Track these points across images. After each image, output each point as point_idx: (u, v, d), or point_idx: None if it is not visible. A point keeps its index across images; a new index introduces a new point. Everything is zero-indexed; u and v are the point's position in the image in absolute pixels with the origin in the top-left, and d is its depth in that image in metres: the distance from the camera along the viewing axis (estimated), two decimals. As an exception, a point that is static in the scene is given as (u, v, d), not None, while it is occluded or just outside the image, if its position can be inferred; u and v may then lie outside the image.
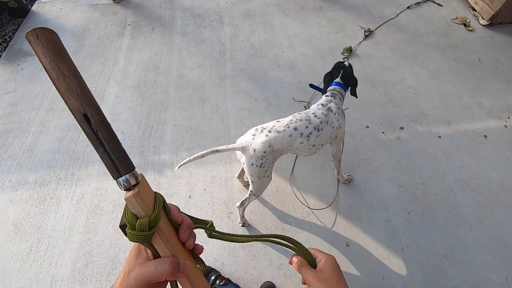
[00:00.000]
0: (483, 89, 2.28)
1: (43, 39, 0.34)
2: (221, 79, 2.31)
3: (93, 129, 0.36)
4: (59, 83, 0.34)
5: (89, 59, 2.43)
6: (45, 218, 1.62)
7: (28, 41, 0.33)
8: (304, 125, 1.30)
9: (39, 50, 0.33)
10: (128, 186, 0.36)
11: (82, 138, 1.95)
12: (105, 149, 0.36)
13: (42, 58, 0.34)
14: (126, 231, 0.35)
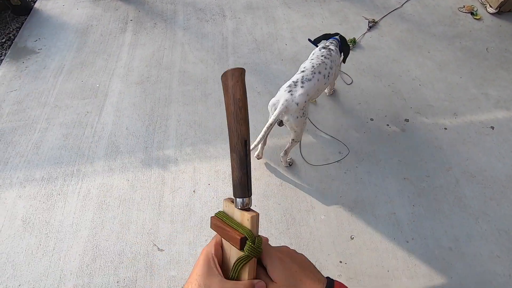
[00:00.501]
0: (490, 80, 2.24)
1: (237, 74, 0.40)
2: (223, 73, 2.30)
3: (247, 154, 0.41)
4: (240, 111, 0.40)
5: (93, 56, 2.44)
6: (53, 214, 1.65)
7: (225, 75, 0.40)
8: (323, 67, 1.53)
9: (234, 84, 0.40)
10: (245, 207, 0.41)
11: (87, 135, 1.97)
12: (247, 171, 0.41)
13: (237, 91, 0.40)
14: (247, 243, 0.38)
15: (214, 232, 0.43)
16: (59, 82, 2.26)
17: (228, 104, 0.41)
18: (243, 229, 0.40)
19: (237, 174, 0.41)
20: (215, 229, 0.42)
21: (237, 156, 0.41)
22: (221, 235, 0.41)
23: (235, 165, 0.41)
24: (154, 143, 1.93)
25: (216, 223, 0.42)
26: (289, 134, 1.62)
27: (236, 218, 0.42)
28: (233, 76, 0.40)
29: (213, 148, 1.90)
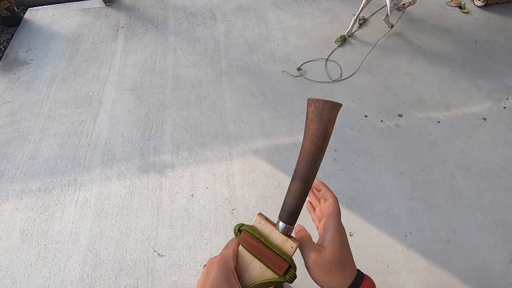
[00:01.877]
0: (480, 72, 2.26)
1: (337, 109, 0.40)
2: (217, 76, 2.31)
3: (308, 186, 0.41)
4: (324, 146, 0.40)
5: (85, 64, 2.43)
6: (51, 224, 1.65)
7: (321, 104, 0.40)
8: None
9: (332, 118, 0.40)
10: (285, 233, 0.41)
11: (82, 143, 1.96)
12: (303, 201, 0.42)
13: (331, 126, 0.40)
14: (290, 271, 0.39)
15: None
16: (52, 92, 2.25)
17: (314, 134, 0.39)
18: (286, 256, 0.39)
19: (295, 202, 0.42)
20: (246, 245, 0.40)
21: (304, 185, 0.41)
22: (255, 253, 0.39)
23: (297, 193, 0.42)
24: (150, 148, 1.93)
25: (249, 240, 0.40)
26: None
27: (274, 240, 0.40)
28: (333, 110, 0.39)
29: (210, 151, 1.91)
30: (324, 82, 2.23)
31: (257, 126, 2.02)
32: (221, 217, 1.65)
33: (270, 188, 1.74)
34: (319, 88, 2.20)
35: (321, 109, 0.40)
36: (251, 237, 0.40)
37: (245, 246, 0.40)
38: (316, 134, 0.40)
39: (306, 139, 0.41)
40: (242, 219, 1.63)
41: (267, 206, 1.68)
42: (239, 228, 0.43)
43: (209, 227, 1.62)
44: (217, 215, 1.65)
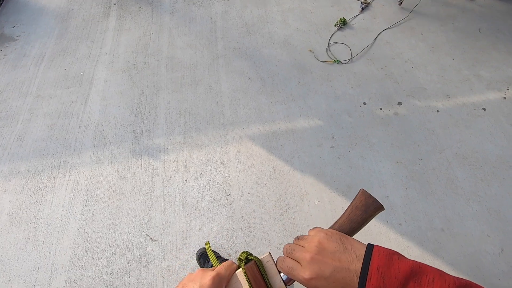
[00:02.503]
0: (482, 61, 2.22)
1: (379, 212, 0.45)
2: (213, 59, 2.23)
3: None
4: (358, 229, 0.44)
5: (75, 42, 2.33)
6: (41, 207, 1.61)
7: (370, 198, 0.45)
8: None
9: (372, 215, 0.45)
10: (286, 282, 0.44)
11: (73, 125, 1.90)
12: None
13: (371, 218, 0.45)
14: None
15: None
16: (41, 71, 2.16)
17: (354, 219, 0.44)
18: None
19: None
20: (250, 274, 0.42)
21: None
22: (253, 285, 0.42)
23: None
24: (143, 132, 1.88)
25: (254, 271, 0.42)
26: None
27: (274, 284, 0.43)
28: (377, 210, 0.45)
29: (205, 136, 1.86)
30: (323, 68, 2.17)
31: (253, 111, 1.97)
32: (215, 202, 1.63)
33: (266, 175, 1.72)
34: (317, 74, 2.15)
35: (369, 203, 0.45)
36: (257, 270, 0.43)
37: (248, 275, 0.42)
38: (355, 220, 0.44)
39: (344, 217, 0.45)
40: (237, 205, 1.61)
41: (262, 193, 1.66)
42: (247, 256, 0.45)
43: (203, 213, 1.59)
44: (211, 201, 1.63)
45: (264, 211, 1.60)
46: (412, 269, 0.35)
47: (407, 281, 0.35)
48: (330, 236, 0.41)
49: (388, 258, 0.36)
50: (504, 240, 1.52)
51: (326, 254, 0.39)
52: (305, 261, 0.39)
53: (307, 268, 0.39)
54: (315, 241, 0.41)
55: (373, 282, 0.35)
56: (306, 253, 0.40)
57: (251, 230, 1.55)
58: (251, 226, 1.56)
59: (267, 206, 1.62)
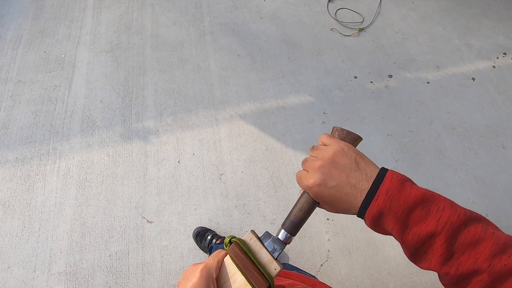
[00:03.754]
0: (473, 29, 2.20)
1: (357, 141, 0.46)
2: (200, 36, 2.15)
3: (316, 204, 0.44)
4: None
5: (53, 22, 2.21)
6: (34, 195, 1.60)
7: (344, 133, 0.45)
8: None
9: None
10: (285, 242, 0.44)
11: (59, 110, 1.85)
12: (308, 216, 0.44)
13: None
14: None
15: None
16: (19, 54, 2.06)
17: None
18: (268, 275, 0.41)
19: (300, 215, 0.43)
20: (234, 256, 0.42)
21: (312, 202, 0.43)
22: (240, 265, 0.41)
23: (304, 207, 0.43)
24: (132, 115, 1.84)
25: (238, 252, 0.42)
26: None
27: (261, 258, 0.42)
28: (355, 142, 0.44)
29: (195, 116, 1.84)
30: (313, 42, 2.12)
31: (244, 89, 1.94)
32: (209, 182, 1.64)
33: (259, 153, 1.72)
34: (307, 48, 2.10)
35: (344, 137, 0.44)
36: (241, 250, 0.42)
37: (233, 257, 0.42)
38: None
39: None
40: (231, 184, 1.63)
41: (255, 171, 1.67)
42: (230, 240, 0.44)
43: (197, 193, 1.61)
44: (205, 181, 1.64)
45: (258, 189, 1.62)
46: (424, 196, 0.35)
47: (416, 206, 0.34)
48: (346, 151, 0.41)
49: (401, 183, 0.36)
50: (489, 206, 1.58)
51: (335, 167, 0.39)
52: (312, 169, 0.40)
53: (311, 176, 0.40)
54: (329, 152, 0.41)
55: (379, 202, 0.35)
56: (316, 162, 0.40)
57: (246, 208, 1.57)
58: (245, 204, 1.58)
59: (260, 184, 1.64)
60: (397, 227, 0.35)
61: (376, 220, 0.37)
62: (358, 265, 1.44)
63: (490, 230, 0.33)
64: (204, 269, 0.39)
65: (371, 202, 0.36)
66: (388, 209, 0.35)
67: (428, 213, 0.34)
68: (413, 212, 0.34)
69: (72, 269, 1.42)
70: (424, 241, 0.34)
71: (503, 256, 0.32)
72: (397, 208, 0.35)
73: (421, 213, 0.34)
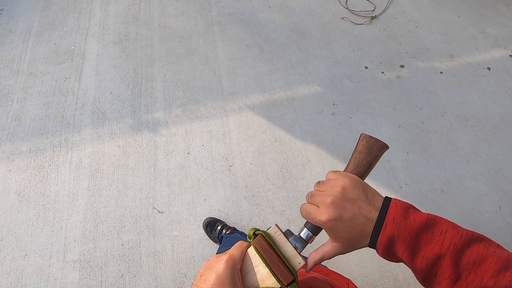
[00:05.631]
0: (489, 16, 2.12)
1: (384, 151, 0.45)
2: (208, 26, 2.13)
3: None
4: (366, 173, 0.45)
5: (62, 14, 2.21)
6: (47, 185, 1.63)
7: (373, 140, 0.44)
8: None
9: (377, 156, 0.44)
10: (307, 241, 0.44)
11: (70, 102, 1.87)
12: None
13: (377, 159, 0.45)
14: (293, 284, 0.41)
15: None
16: (30, 47, 2.08)
17: (360, 163, 0.44)
18: (293, 269, 0.41)
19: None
20: (259, 247, 0.42)
21: None
22: (265, 257, 0.41)
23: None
24: (141, 106, 1.85)
25: (264, 244, 0.42)
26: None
27: (285, 252, 0.42)
28: (382, 149, 0.44)
29: (204, 107, 1.84)
30: (322, 31, 2.08)
31: (252, 80, 1.93)
32: (219, 174, 1.65)
33: (268, 144, 1.72)
34: (317, 38, 2.06)
35: (372, 145, 0.44)
36: (266, 242, 0.42)
37: (258, 249, 0.42)
38: (361, 164, 0.44)
39: (351, 165, 0.45)
40: (240, 176, 1.63)
41: (264, 162, 1.67)
42: (255, 232, 0.45)
43: (207, 184, 1.62)
44: (214, 172, 1.65)
45: (267, 180, 1.63)
46: (427, 220, 0.36)
47: (421, 231, 0.36)
48: (354, 184, 0.41)
49: (405, 210, 0.38)
50: (502, 198, 1.56)
51: (347, 200, 0.40)
52: (324, 204, 0.40)
53: (325, 211, 0.40)
54: (338, 186, 0.41)
55: (388, 230, 0.37)
56: (327, 197, 0.41)
57: (255, 199, 1.58)
58: (254, 195, 1.59)
59: (269, 175, 1.64)
60: (407, 253, 0.37)
61: (388, 248, 0.38)
62: (367, 256, 1.44)
63: (492, 249, 0.35)
64: (229, 260, 0.39)
65: (381, 231, 0.37)
66: (397, 236, 0.37)
67: (433, 237, 0.36)
68: (420, 237, 0.36)
69: (86, 257, 1.46)
70: (432, 264, 0.36)
71: (506, 273, 0.33)
72: (406, 235, 0.36)
73: (426, 237, 0.36)
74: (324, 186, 0.43)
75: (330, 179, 0.44)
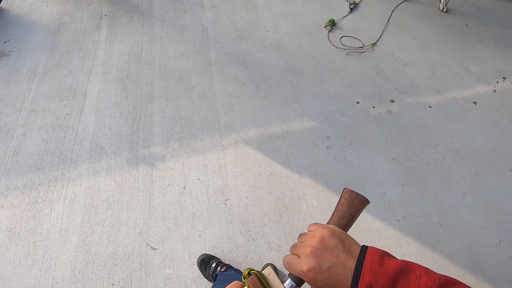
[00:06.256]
0: (471, 56, 2.26)
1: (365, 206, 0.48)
2: (206, 65, 2.25)
3: None
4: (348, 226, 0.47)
5: (67, 55, 2.33)
6: (39, 221, 1.60)
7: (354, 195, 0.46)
8: None
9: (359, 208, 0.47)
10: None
11: (69, 137, 1.90)
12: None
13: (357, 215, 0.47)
14: None
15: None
16: (34, 85, 2.16)
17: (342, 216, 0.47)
18: None
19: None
20: (252, 286, 0.44)
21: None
22: None
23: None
24: (139, 141, 1.88)
25: (256, 282, 0.44)
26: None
27: None
28: (363, 203, 0.47)
29: (201, 142, 1.87)
30: (315, 69, 2.20)
31: (248, 115, 1.99)
32: (214, 208, 1.63)
33: (263, 178, 1.73)
34: (310, 75, 2.17)
35: (353, 198, 0.47)
36: (260, 282, 0.44)
37: (252, 285, 0.44)
38: (344, 216, 0.46)
39: (334, 217, 0.47)
40: (235, 210, 1.62)
41: (260, 196, 1.67)
42: (249, 272, 0.46)
43: (202, 219, 1.60)
44: (210, 207, 1.64)
45: (263, 214, 1.61)
46: (401, 267, 0.38)
47: (397, 277, 0.37)
48: (332, 233, 0.43)
49: (380, 258, 0.39)
50: (501, 231, 1.54)
51: (325, 250, 0.41)
52: (304, 255, 0.41)
53: (305, 262, 0.41)
54: (316, 236, 0.43)
55: (366, 278, 0.38)
56: (306, 247, 0.42)
57: (251, 234, 1.55)
58: (250, 230, 1.56)
59: (265, 209, 1.62)
60: None
61: None
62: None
63: None
64: None
65: (360, 280, 0.38)
66: (375, 283, 0.37)
67: (409, 283, 0.37)
68: (397, 283, 0.37)
69: (73, 298, 1.39)
70: None
71: None
72: (383, 281, 0.37)
73: (403, 283, 0.37)
74: (305, 237, 0.44)
75: (311, 230, 0.45)
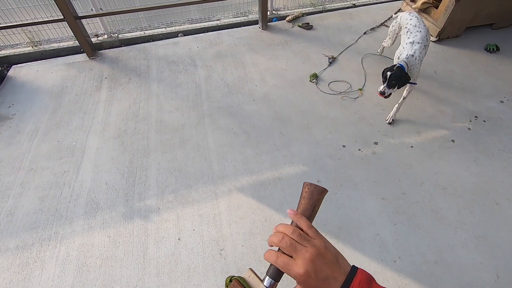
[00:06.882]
0: (443, 98, 2.46)
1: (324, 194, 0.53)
2: (199, 118, 2.39)
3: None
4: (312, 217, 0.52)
5: (68, 115, 2.48)
6: (29, 284, 1.55)
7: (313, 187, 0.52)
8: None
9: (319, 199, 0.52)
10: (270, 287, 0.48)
11: (65, 195, 1.93)
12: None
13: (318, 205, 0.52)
14: None
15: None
16: (34, 145, 2.25)
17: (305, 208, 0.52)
18: None
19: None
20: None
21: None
22: None
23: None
24: (134, 194, 1.92)
25: (237, 286, 0.48)
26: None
27: None
28: (321, 194, 0.52)
29: (195, 192, 1.92)
30: (302, 117, 2.36)
31: (241, 163, 2.07)
32: (210, 259, 1.62)
33: (258, 224, 1.74)
34: (297, 123, 2.32)
35: (312, 190, 0.52)
36: (240, 285, 0.48)
37: None
38: (306, 209, 0.52)
39: (299, 210, 0.52)
40: (231, 260, 1.61)
41: (255, 243, 1.67)
42: (231, 279, 0.50)
43: (197, 272, 1.57)
44: (205, 258, 1.62)
45: (259, 262, 1.59)
46: None
47: None
48: (329, 247, 0.47)
49: (369, 279, 0.44)
50: (497, 266, 1.53)
51: (324, 261, 0.45)
52: (304, 260, 0.45)
53: (303, 265, 0.45)
54: (317, 245, 0.47)
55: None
56: (307, 253, 0.45)
57: (248, 285, 1.52)
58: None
59: (261, 257, 1.61)
60: None
61: None
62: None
63: None
64: None
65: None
66: None
67: None
68: None
69: None
70: None
71: None
72: None
73: None
74: (306, 241, 0.48)
75: (308, 234, 0.49)
